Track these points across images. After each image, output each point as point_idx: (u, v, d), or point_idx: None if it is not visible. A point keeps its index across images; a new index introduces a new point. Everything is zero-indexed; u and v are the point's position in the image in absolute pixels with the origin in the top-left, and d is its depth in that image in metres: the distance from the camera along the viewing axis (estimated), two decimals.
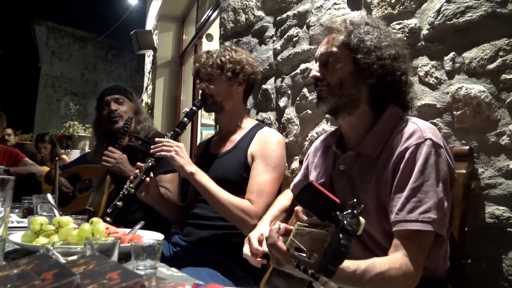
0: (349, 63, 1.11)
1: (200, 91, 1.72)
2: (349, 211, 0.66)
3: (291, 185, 1.47)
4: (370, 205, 1.04)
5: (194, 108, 1.70)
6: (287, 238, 0.85)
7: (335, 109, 1.14)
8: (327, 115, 1.21)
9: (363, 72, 1.09)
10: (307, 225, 0.79)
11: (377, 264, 0.89)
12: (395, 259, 0.92)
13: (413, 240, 0.94)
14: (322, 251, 0.63)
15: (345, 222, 0.64)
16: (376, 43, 1.09)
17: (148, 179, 1.59)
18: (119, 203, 1.57)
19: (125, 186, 1.59)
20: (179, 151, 1.51)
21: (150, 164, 1.57)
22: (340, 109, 1.13)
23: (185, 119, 1.67)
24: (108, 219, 1.55)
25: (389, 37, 1.13)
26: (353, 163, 1.11)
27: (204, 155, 1.79)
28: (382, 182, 1.03)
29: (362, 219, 0.66)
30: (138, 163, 1.61)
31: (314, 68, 1.17)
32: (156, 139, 1.60)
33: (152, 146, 1.56)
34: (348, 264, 0.86)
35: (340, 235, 0.63)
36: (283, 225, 0.97)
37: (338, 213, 0.66)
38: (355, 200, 0.69)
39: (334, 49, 1.12)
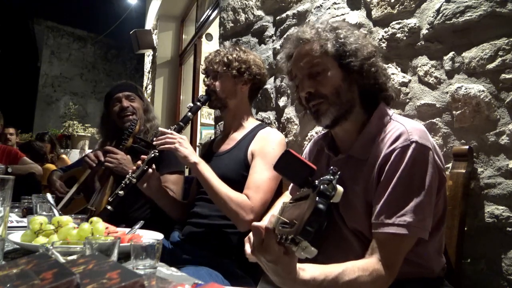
0: (337, 70, 1.10)
1: (205, 87, 1.75)
2: (326, 177, 0.68)
3: (290, 187, 1.47)
4: (360, 207, 1.04)
5: (198, 103, 1.72)
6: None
7: (337, 119, 1.11)
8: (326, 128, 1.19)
9: (352, 75, 1.09)
10: (292, 201, 0.81)
11: (347, 271, 0.90)
12: (367, 264, 0.93)
13: (389, 244, 0.95)
14: (301, 216, 0.66)
15: (321, 187, 0.67)
16: (357, 45, 1.09)
17: (150, 170, 1.61)
18: (121, 192, 1.59)
19: (127, 176, 1.61)
20: (183, 143, 1.53)
21: (153, 155, 1.60)
22: (341, 119, 1.11)
23: (189, 113, 1.69)
24: (109, 207, 1.57)
25: (360, 36, 1.13)
26: (344, 166, 1.10)
27: (207, 153, 1.81)
28: (369, 184, 1.03)
29: (339, 187, 0.68)
30: (142, 156, 1.63)
31: (304, 84, 1.12)
32: (160, 129, 1.62)
33: (155, 138, 1.58)
34: (316, 275, 0.86)
35: (317, 198, 0.65)
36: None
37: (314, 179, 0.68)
38: (332, 167, 0.70)
39: (317, 60, 1.10)
